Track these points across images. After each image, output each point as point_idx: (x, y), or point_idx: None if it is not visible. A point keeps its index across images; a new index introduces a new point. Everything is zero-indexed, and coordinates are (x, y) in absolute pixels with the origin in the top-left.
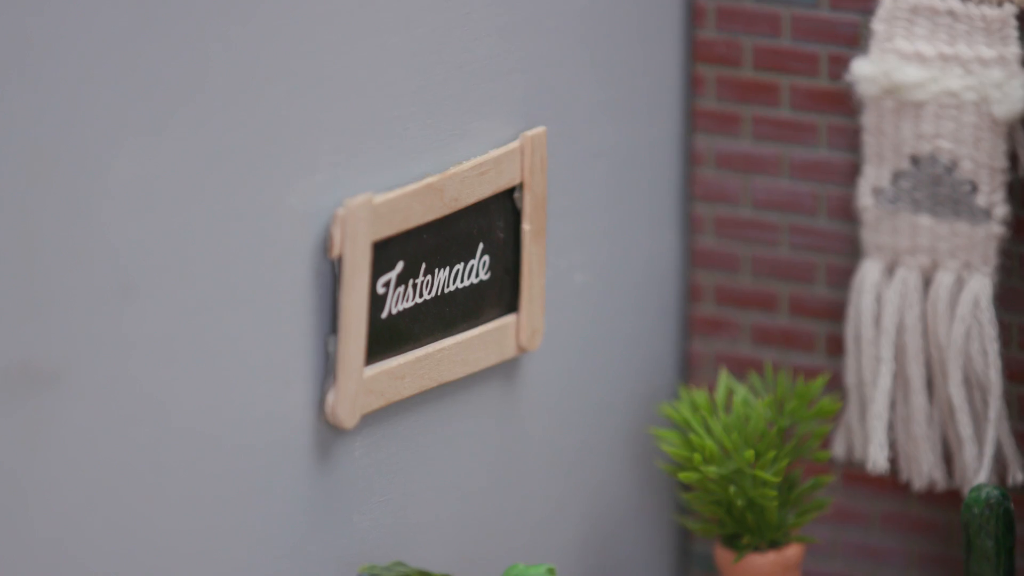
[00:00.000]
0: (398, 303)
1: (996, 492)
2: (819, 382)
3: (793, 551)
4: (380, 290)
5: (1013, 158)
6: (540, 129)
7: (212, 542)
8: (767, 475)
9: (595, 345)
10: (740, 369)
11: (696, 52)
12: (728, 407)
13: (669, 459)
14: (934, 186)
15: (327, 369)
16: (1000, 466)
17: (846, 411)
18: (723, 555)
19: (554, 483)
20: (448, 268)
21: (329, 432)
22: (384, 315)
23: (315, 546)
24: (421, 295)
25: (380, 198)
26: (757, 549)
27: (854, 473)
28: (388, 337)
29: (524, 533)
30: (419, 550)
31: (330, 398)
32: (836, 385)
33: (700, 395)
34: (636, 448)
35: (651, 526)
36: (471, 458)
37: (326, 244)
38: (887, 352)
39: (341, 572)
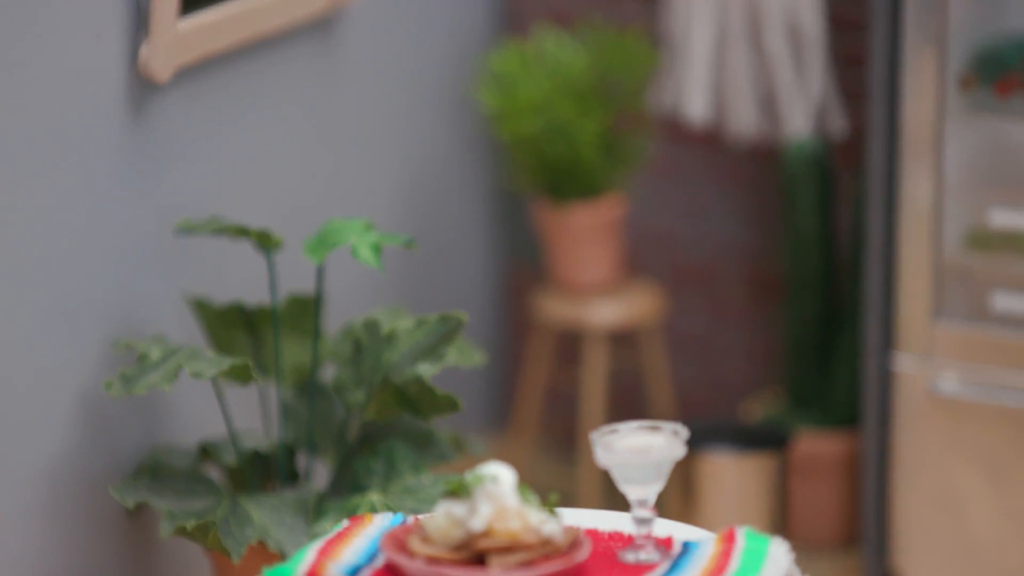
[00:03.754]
0: None
1: (817, 145)
2: (639, 33)
3: (613, 204)
4: None
5: None
6: None
7: (29, 200)
8: (587, 126)
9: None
10: (560, 20)
11: None
12: (547, 59)
13: (489, 115)
14: None
15: (140, 21)
16: (822, 118)
17: (667, 63)
18: (543, 210)
19: (373, 140)
20: None
21: (143, 87)
22: None
23: (132, 202)
24: None
25: None
26: (578, 202)
27: (676, 128)
28: None
29: (343, 189)
30: (236, 206)
31: (143, 51)
32: (658, 37)
33: (519, 47)
34: (456, 105)
35: (471, 183)
36: (289, 115)
37: None
38: (708, 1)
39: (158, 227)
